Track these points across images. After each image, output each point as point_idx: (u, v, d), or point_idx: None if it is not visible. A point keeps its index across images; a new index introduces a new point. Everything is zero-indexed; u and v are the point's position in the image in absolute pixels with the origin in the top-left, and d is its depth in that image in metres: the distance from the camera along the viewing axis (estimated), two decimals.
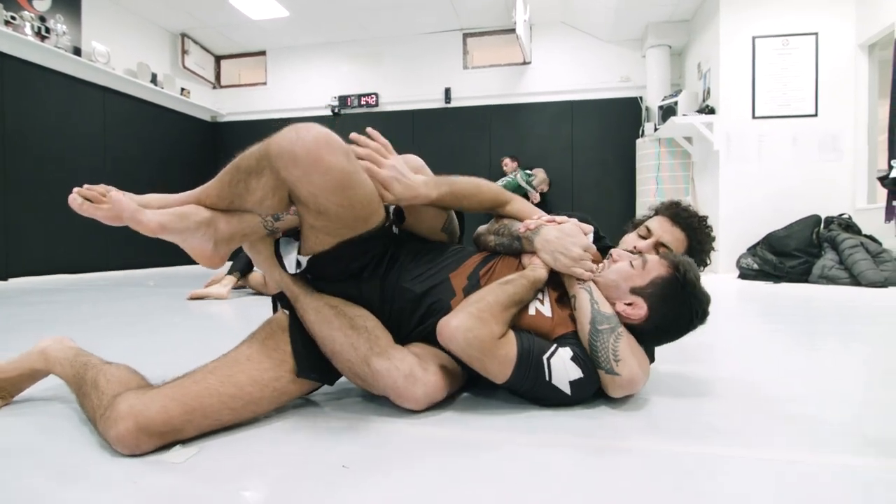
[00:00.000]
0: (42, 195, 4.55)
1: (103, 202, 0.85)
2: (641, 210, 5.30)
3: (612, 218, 5.73)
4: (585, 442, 0.82)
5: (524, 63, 5.96)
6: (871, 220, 3.81)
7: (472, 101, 6.13)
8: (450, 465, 0.73)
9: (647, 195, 5.24)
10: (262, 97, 6.81)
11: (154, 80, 5.85)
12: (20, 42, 4.40)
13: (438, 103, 6.22)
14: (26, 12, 4.48)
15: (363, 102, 6.41)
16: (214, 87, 6.95)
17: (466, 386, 1.08)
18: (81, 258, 4.95)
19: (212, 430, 0.82)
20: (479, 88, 6.10)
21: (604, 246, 1.45)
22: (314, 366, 0.95)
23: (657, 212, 1.30)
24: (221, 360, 0.90)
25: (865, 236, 3.72)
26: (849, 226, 3.86)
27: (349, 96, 6.44)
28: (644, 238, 1.26)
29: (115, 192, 0.86)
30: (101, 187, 0.88)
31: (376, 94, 6.37)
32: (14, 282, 4.16)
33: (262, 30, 6.13)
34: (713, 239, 1.28)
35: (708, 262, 1.30)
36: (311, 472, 0.71)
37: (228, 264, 3.05)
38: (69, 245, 4.79)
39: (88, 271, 4.99)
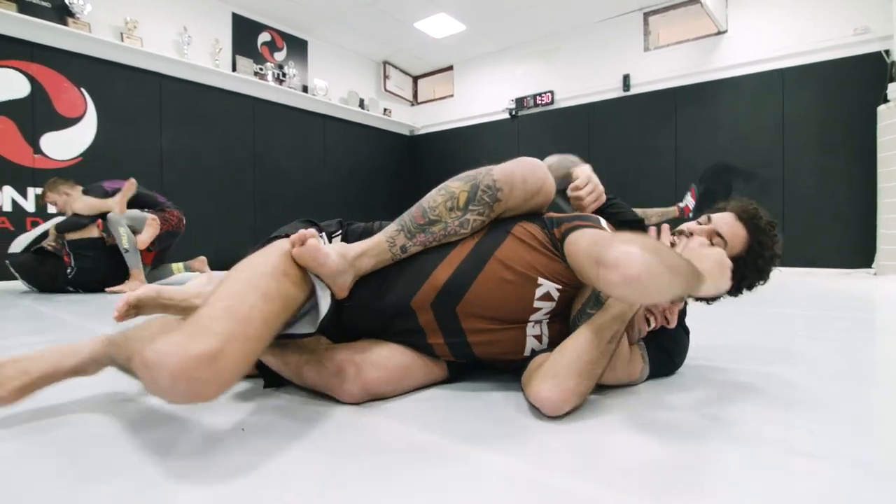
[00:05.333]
0: (280, 204, 5.86)
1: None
2: (884, 200, 4.07)
3: (838, 211, 4.51)
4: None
5: (718, 33, 5.13)
6: None
7: (654, 86, 5.54)
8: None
9: (893, 178, 3.95)
10: (450, 108, 7.39)
11: (361, 104, 6.92)
12: (265, 87, 5.76)
13: (616, 92, 5.80)
14: (269, 63, 5.84)
15: (538, 102, 6.40)
16: (413, 105, 7.83)
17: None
18: None
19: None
20: (662, 70, 5.48)
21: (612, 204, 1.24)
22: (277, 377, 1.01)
23: (713, 210, 1.17)
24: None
25: None
26: None
27: (525, 97, 6.51)
28: (701, 224, 1.13)
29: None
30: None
31: (551, 92, 6.28)
32: None
33: (446, 46, 6.67)
34: (777, 251, 1.11)
35: (763, 279, 1.13)
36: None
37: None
38: None
39: None
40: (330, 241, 1.05)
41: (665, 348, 1.07)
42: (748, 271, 1.10)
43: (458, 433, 0.79)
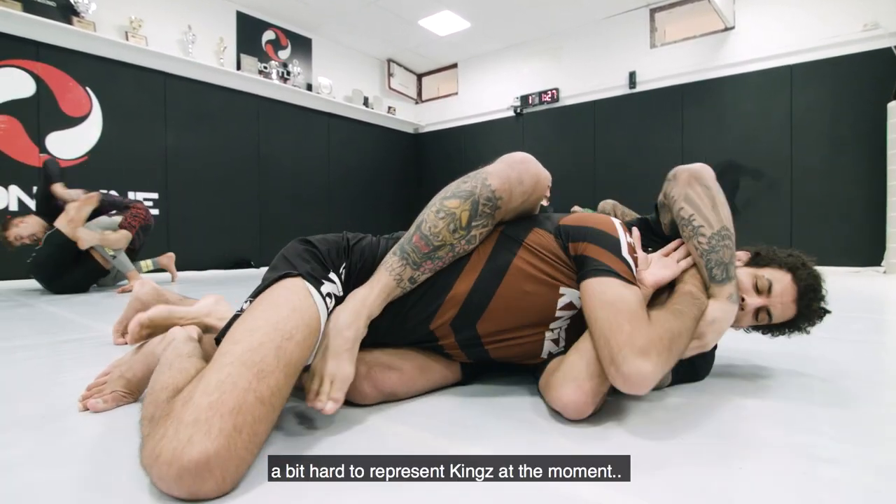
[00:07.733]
0: (284, 202, 5.85)
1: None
2: (894, 198, 4.03)
3: (846, 209, 4.47)
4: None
5: (725, 29, 5.08)
6: None
7: (661, 83, 5.50)
8: None
9: None
10: (455, 106, 7.36)
11: (366, 102, 6.90)
12: (270, 86, 5.75)
13: (622, 90, 5.76)
14: (273, 62, 5.82)
15: (544, 99, 6.36)
16: (417, 103, 7.81)
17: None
18: None
19: None
20: (668, 68, 5.44)
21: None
22: None
23: (785, 263, 1.06)
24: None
25: None
26: None
27: (530, 95, 6.47)
28: (759, 293, 1.04)
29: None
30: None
31: (556, 90, 6.25)
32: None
33: (450, 44, 6.64)
34: (812, 325, 1.09)
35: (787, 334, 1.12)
36: None
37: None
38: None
39: None
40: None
41: (691, 359, 1.01)
42: (775, 333, 1.10)
43: (472, 438, 0.78)
